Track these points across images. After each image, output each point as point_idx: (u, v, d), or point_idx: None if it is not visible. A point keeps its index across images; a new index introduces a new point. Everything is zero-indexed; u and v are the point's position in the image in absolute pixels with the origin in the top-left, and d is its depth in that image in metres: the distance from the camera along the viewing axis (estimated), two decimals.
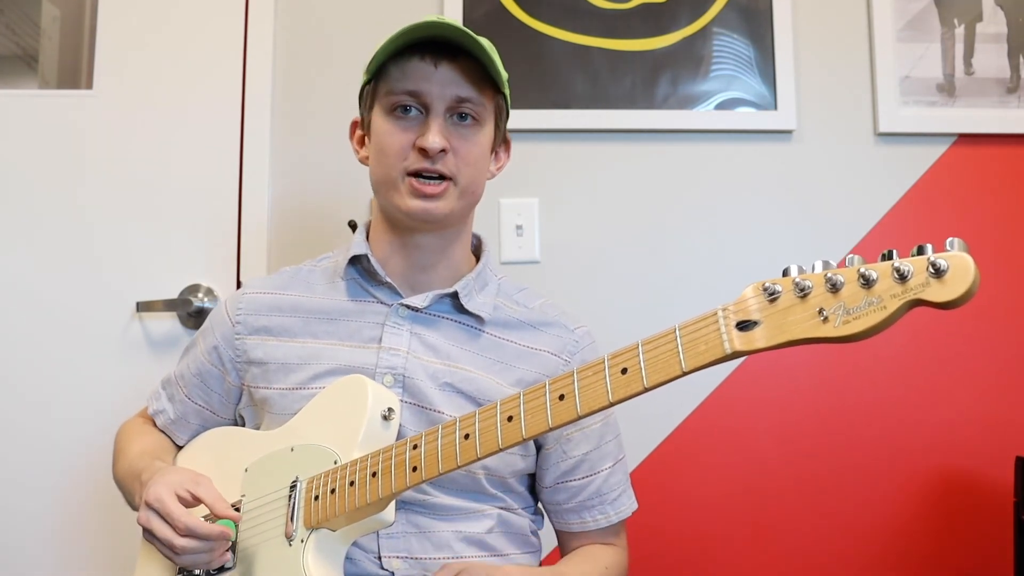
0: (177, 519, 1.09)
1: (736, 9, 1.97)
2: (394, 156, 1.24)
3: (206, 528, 1.09)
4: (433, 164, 1.22)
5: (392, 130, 1.25)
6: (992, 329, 1.90)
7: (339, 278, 1.33)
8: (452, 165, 1.23)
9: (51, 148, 1.92)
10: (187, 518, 1.09)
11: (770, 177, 1.96)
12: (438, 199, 1.23)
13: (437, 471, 1.03)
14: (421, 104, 1.24)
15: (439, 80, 1.22)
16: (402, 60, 1.24)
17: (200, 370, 1.36)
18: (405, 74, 1.23)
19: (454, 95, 1.23)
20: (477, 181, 1.29)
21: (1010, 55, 1.97)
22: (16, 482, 1.85)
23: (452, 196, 1.25)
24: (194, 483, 1.14)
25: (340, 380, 1.20)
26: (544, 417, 0.96)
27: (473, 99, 1.25)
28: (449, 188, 1.24)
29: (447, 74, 1.23)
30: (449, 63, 1.23)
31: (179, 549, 1.09)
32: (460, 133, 1.25)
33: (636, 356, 0.91)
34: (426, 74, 1.22)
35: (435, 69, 1.22)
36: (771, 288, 0.83)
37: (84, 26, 1.96)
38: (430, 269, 1.31)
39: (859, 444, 1.88)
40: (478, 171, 1.28)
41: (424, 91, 1.23)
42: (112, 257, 1.90)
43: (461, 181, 1.25)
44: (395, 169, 1.24)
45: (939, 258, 0.76)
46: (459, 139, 1.24)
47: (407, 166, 1.23)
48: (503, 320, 1.32)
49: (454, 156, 1.23)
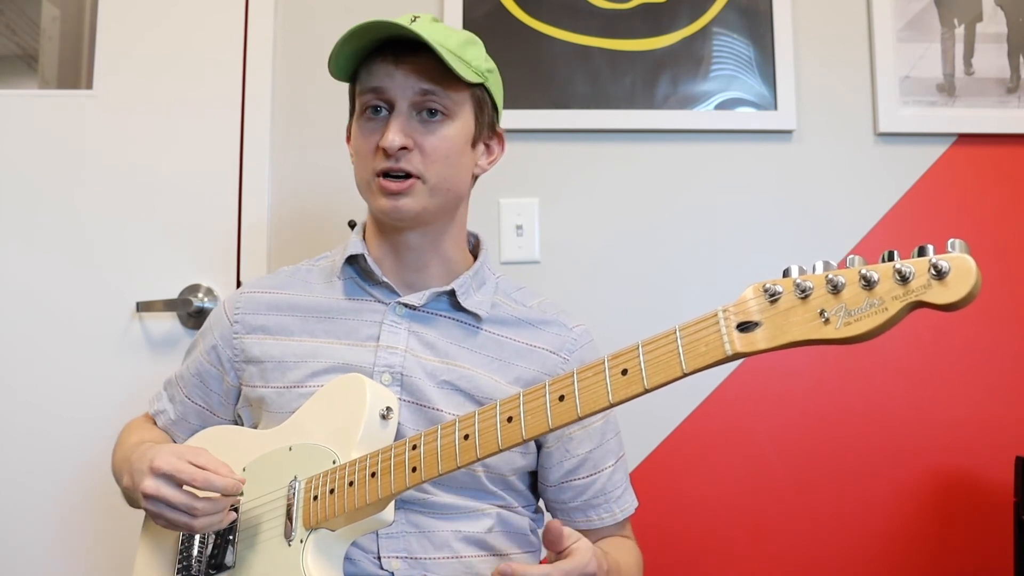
0: (195, 475, 1.08)
1: (736, 9, 1.97)
2: (364, 158, 1.26)
3: (222, 481, 1.09)
4: (397, 163, 1.22)
5: (361, 132, 1.27)
6: (992, 329, 1.90)
7: (336, 277, 1.34)
8: (417, 162, 1.23)
9: (51, 148, 1.92)
10: (205, 473, 1.09)
11: (770, 177, 1.96)
12: (404, 196, 1.23)
13: (437, 471, 1.03)
14: (387, 102, 1.24)
15: (401, 76, 1.23)
16: (368, 61, 1.25)
17: (200, 370, 1.37)
18: (370, 74, 1.25)
19: (417, 89, 1.23)
20: (452, 177, 1.27)
21: (1010, 55, 1.97)
22: (16, 482, 1.85)
23: (422, 193, 1.24)
24: (195, 454, 1.13)
25: (338, 379, 1.20)
26: (544, 418, 0.96)
27: (438, 92, 1.24)
28: (416, 185, 1.23)
29: (409, 70, 1.23)
30: (411, 59, 1.23)
31: (200, 511, 1.09)
32: (426, 129, 1.24)
33: (636, 357, 0.90)
34: (388, 71, 1.23)
35: (396, 67, 1.23)
36: (772, 289, 0.82)
37: (84, 26, 1.96)
38: (423, 268, 1.31)
39: (859, 444, 1.88)
40: (450, 166, 1.26)
41: (386, 87, 1.23)
42: (112, 257, 1.90)
43: (430, 178, 1.24)
44: (367, 171, 1.26)
45: (941, 260, 0.75)
46: (424, 135, 1.24)
47: (375, 167, 1.24)
48: (501, 318, 1.32)
49: (420, 153, 1.23)
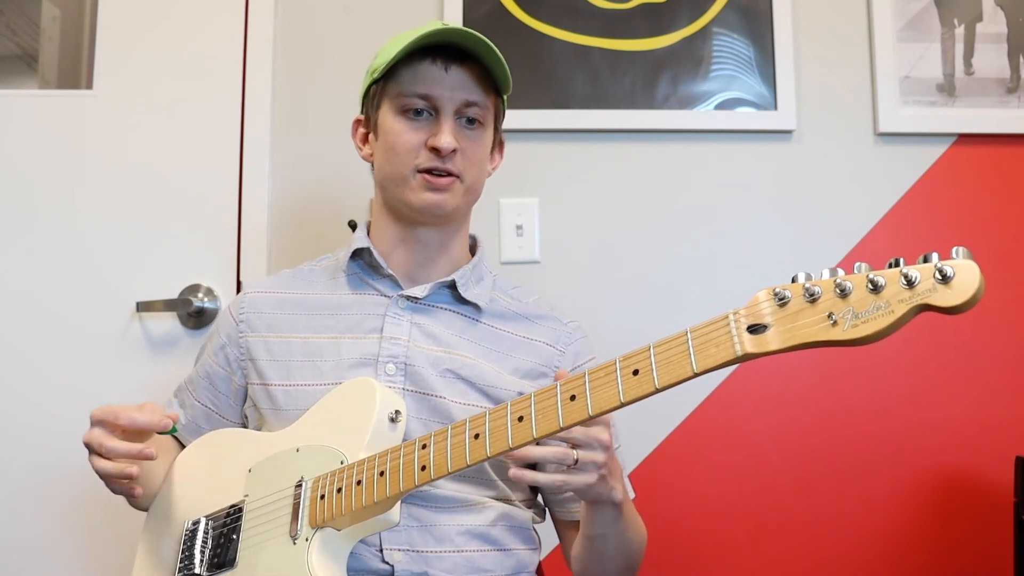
0: (119, 413, 1.17)
1: (736, 9, 1.97)
2: (405, 154, 1.29)
3: (144, 416, 1.16)
4: (444, 163, 1.28)
5: (404, 129, 1.30)
6: (992, 329, 1.91)
7: (341, 272, 1.38)
8: (460, 164, 1.30)
9: (51, 148, 1.92)
10: (128, 412, 1.17)
11: (770, 177, 1.96)
12: (446, 192, 1.29)
13: (447, 470, 1.04)
14: (432, 106, 1.29)
15: (450, 84, 1.29)
16: (413, 63, 1.29)
17: (209, 372, 1.38)
18: (416, 77, 1.29)
19: (463, 99, 1.30)
20: (480, 180, 1.36)
21: (1010, 55, 1.97)
22: (16, 482, 1.85)
23: (459, 192, 1.31)
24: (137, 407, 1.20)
25: (348, 382, 1.22)
26: (555, 417, 0.98)
27: (480, 103, 1.31)
28: (456, 184, 1.30)
29: (457, 78, 1.29)
30: (459, 67, 1.29)
31: (109, 450, 1.16)
32: (467, 135, 1.31)
33: (648, 358, 0.93)
34: (437, 78, 1.28)
35: (446, 73, 1.29)
36: (781, 293, 0.85)
37: (84, 26, 1.96)
38: (431, 263, 1.36)
39: (859, 444, 1.89)
40: (481, 171, 1.36)
41: (436, 95, 1.29)
42: (112, 257, 1.90)
43: (467, 179, 1.32)
44: (406, 166, 1.29)
45: (946, 264, 0.78)
46: (466, 140, 1.31)
47: (419, 163, 1.29)
48: (499, 311, 1.37)
49: (462, 156, 1.30)
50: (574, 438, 1.05)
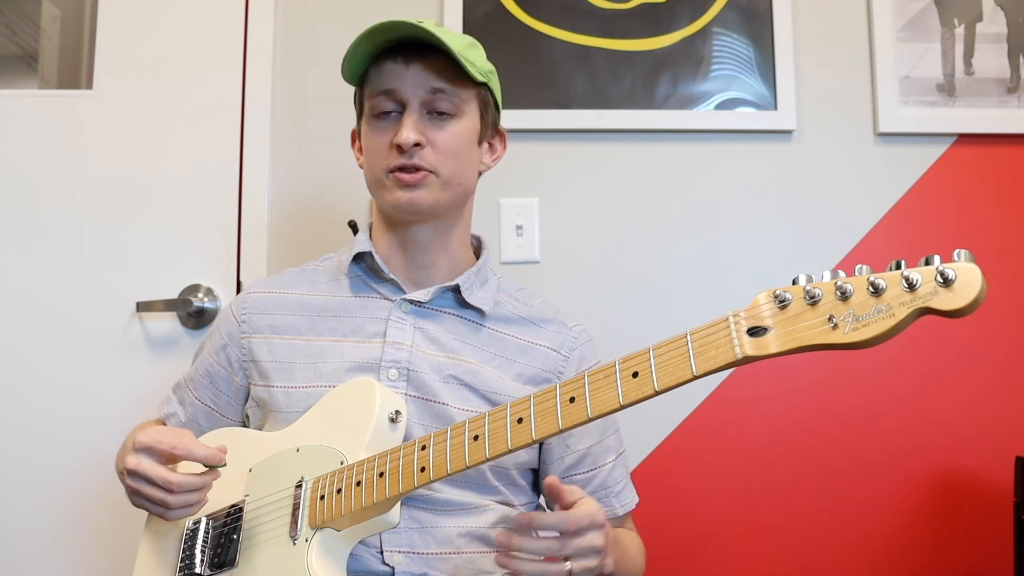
0: (175, 444, 1.12)
1: (736, 9, 1.97)
2: (376, 156, 1.30)
3: (203, 450, 1.13)
4: (410, 159, 1.26)
5: (373, 132, 1.31)
6: (992, 329, 1.90)
7: (343, 275, 1.37)
8: (432, 158, 1.28)
9: (51, 148, 1.91)
10: (185, 442, 1.13)
11: (770, 177, 1.96)
12: (419, 188, 1.27)
13: (446, 471, 1.04)
14: (398, 102, 1.29)
15: (412, 78, 1.28)
16: (378, 64, 1.30)
17: (209, 371, 1.38)
18: (381, 75, 1.29)
19: (427, 87, 1.28)
20: (462, 172, 1.32)
21: (1010, 55, 1.97)
22: (16, 482, 1.84)
23: (434, 187, 1.28)
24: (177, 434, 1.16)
25: (348, 382, 1.22)
26: (554, 419, 0.98)
27: (447, 91, 1.29)
28: (430, 178, 1.28)
29: (419, 70, 1.28)
30: (420, 60, 1.28)
31: (175, 485, 1.11)
32: (437, 126, 1.29)
33: (647, 360, 0.92)
34: (399, 73, 1.28)
35: (407, 68, 1.28)
36: (782, 296, 0.85)
37: (84, 26, 1.96)
38: (430, 265, 1.35)
39: (859, 444, 1.89)
40: (461, 162, 1.31)
41: (398, 88, 1.28)
42: (112, 257, 1.90)
43: (443, 173, 1.29)
44: (379, 168, 1.29)
45: (947, 267, 0.77)
46: (436, 131, 1.28)
47: (388, 164, 1.28)
48: (504, 315, 1.36)
49: (432, 149, 1.28)
50: (566, 552, 1.04)
